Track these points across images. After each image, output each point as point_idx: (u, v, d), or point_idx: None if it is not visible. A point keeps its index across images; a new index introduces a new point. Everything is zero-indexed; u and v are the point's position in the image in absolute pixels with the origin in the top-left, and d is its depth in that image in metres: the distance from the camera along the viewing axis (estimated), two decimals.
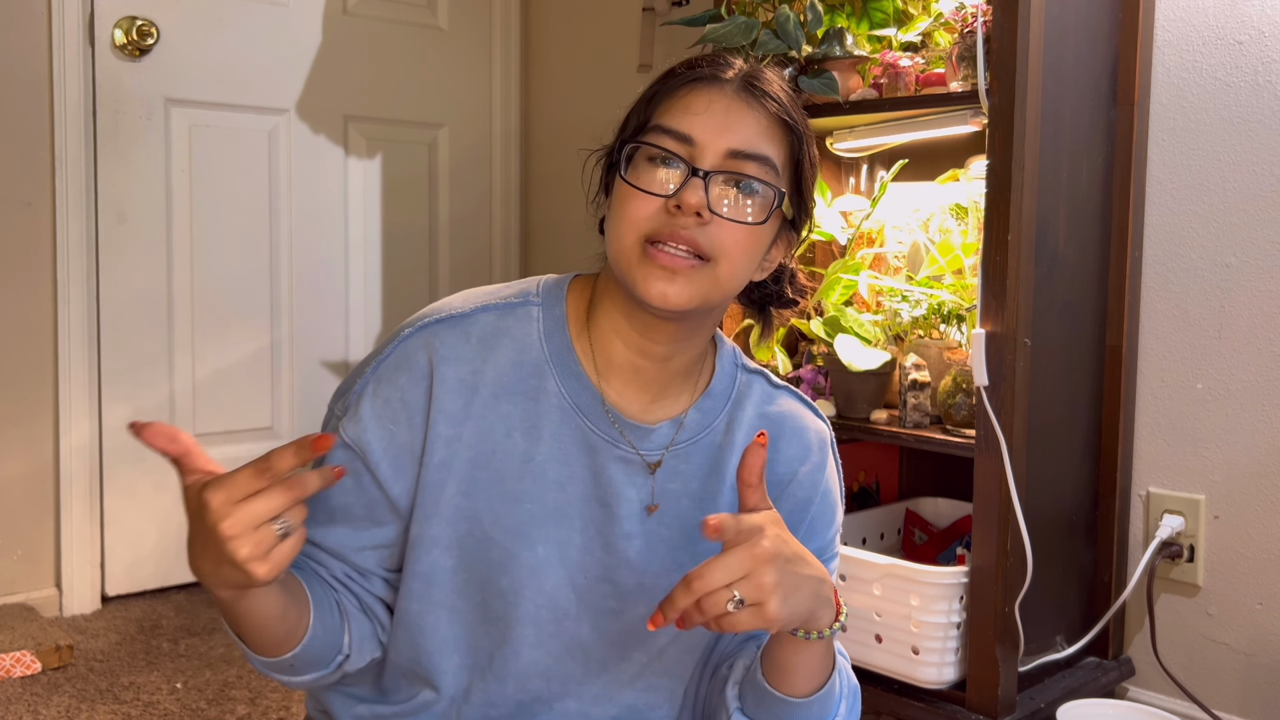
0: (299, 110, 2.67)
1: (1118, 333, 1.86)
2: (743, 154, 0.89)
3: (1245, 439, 1.81)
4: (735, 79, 0.92)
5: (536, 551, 0.92)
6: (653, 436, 0.96)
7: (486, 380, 0.92)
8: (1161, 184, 1.88)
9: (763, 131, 0.90)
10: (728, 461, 0.98)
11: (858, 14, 1.89)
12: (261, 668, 0.92)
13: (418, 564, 0.93)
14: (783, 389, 1.05)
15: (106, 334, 2.42)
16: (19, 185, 2.31)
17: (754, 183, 0.89)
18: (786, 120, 0.92)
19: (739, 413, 1.00)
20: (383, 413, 0.92)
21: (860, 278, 1.96)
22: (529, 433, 0.93)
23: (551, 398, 0.93)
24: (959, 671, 1.70)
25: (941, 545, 1.97)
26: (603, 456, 0.94)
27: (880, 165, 2.11)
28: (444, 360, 0.91)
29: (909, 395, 1.77)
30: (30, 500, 2.36)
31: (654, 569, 0.95)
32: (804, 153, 0.94)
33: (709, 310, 0.93)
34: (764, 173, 0.90)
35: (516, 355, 0.94)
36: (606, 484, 0.94)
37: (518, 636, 0.94)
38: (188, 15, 2.48)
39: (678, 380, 0.98)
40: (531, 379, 0.93)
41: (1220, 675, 1.84)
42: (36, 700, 1.96)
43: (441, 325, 0.93)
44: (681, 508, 0.96)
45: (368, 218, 2.80)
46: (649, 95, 0.93)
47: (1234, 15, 1.79)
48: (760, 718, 0.94)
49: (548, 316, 0.96)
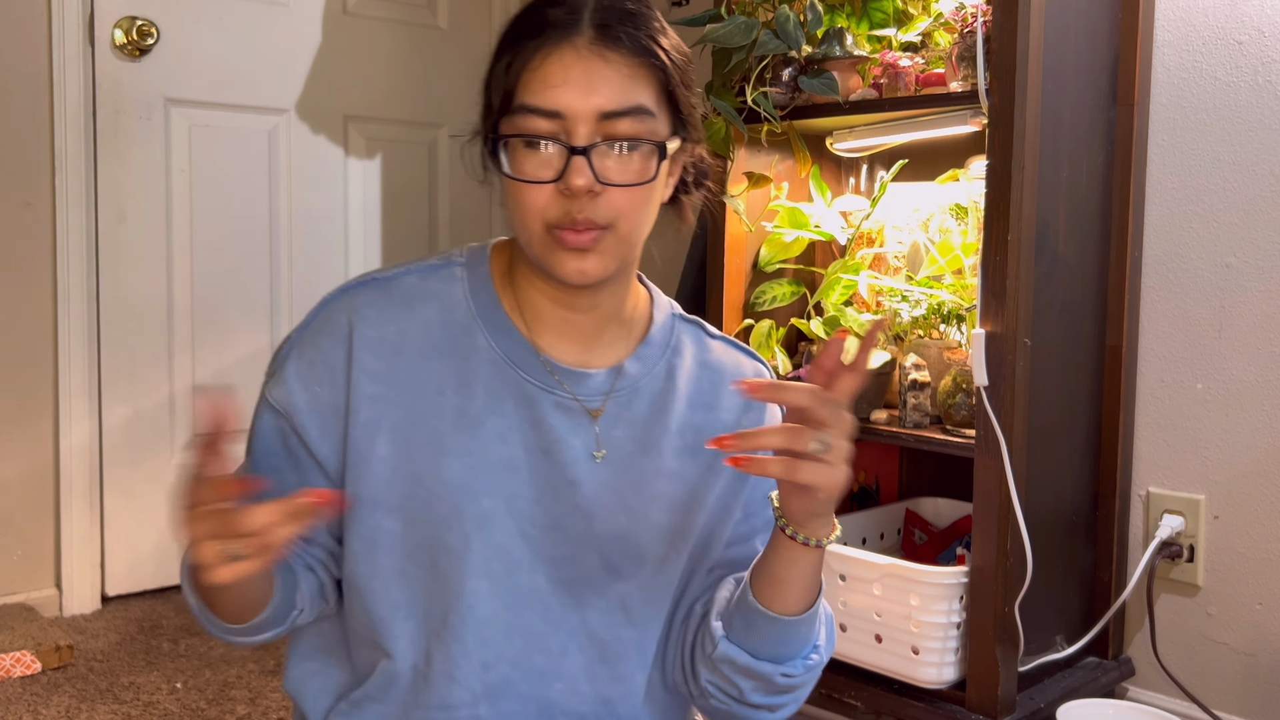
0: (299, 110, 2.67)
1: (1118, 333, 1.86)
2: (614, 113, 0.87)
3: (1245, 439, 1.81)
4: (586, 29, 0.88)
5: (482, 504, 0.93)
6: (590, 382, 0.96)
7: (412, 339, 0.94)
8: (1161, 184, 1.88)
9: (627, 80, 0.88)
10: (671, 408, 0.99)
11: (858, 14, 1.89)
12: (220, 632, 0.94)
13: (359, 526, 0.94)
14: (719, 338, 1.06)
15: (106, 334, 2.42)
16: (19, 185, 2.31)
17: (634, 141, 0.88)
18: (649, 51, 0.89)
19: (678, 360, 1.01)
20: (306, 374, 0.93)
21: (860, 278, 1.96)
22: (461, 389, 0.93)
23: (482, 353, 0.95)
24: (959, 671, 1.70)
25: (941, 545, 1.97)
26: (541, 406, 0.95)
27: (880, 165, 2.11)
28: (364, 320, 0.93)
29: (909, 395, 1.77)
30: (30, 500, 2.36)
31: (602, 514, 0.95)
32: (673, 74, 0.91)
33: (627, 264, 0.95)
34: (640, 125, 0.88)
35: (443, 314, 0.95)
36: (548, 432, 0.94)
37: (470, 591, 0.93)
38: (188, 15, 2.48)
39: (612, 326, 0.99)
40: (460, 337, 0.95)
41: (1220, 675, 1.84)
42: (36, 700, 1.96)
43: (363, 287, 0.96)
44: (627, 453, 0.97)
45: (367, 218, 2.80)
46: (505, 64, 0.89)
47: (1234, 15, 1.79)
48: (749, 643, 0.94)
49: (472, 275, 0.97)
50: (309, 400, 0.93)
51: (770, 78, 1.91)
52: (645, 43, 0.89)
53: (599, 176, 0.87)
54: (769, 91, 1.90)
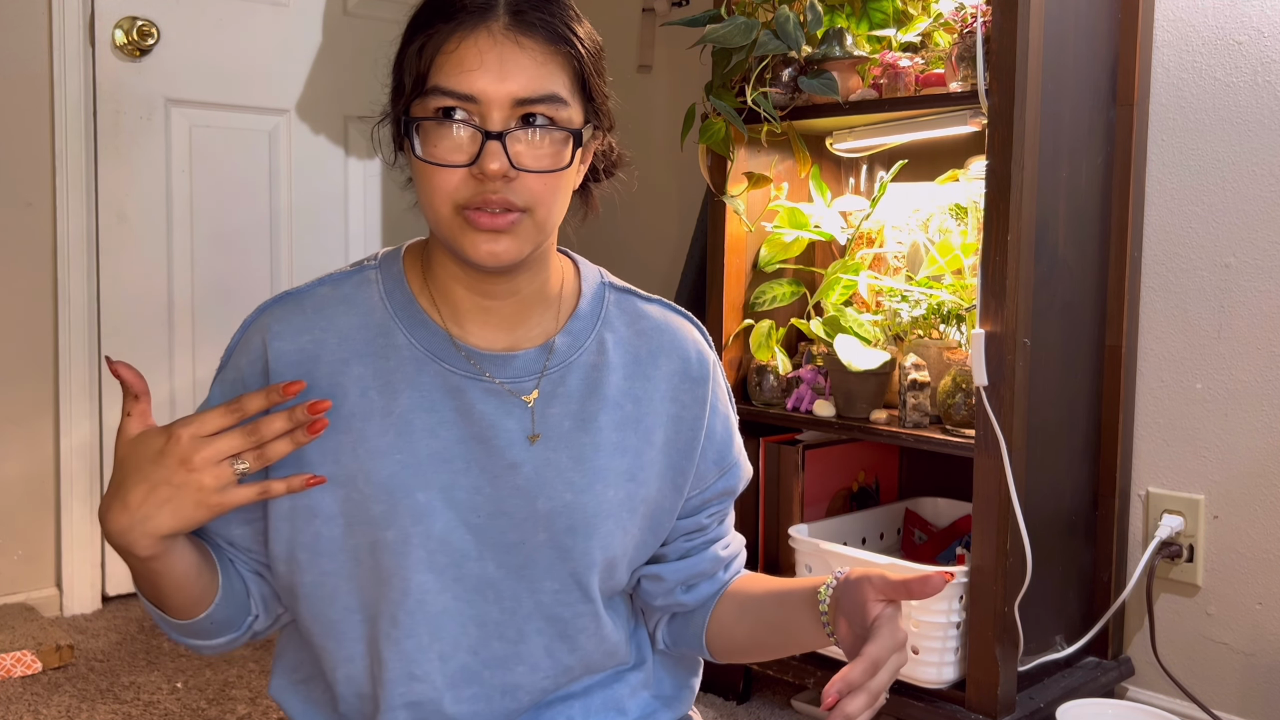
0: (299, 110, 2.68)
1: (1117, 333, 1.86)
2: (529, 100, 0.87)
3: (1245, 439, 1.81)
4: (502, 14, 0.87)
5: (416, 498, 0.92)
6: (516, 364, 0.96)
7: (329, 347, 0.94)
8: (1161, 184, 1.88)
9: (542, 67, 0.87)
10: (605, 380, 0.98)
11: (857, 14, 1.89)
12: (176, 634, 0.96)
13: (300, 535, 0.94)
14: (656, 301, 1.05)
15: (106, 334, 2.42)
16: (19, 185, 2.31)
17: (548, 128, 0.88)
18: (564, 39, 0.89)
19: (608, 332, 1.01)
20: (228, 394, 0.95)
21: (860, 278, 1.96)
22: (384, 389, 0.94)
23: (402, 350, 0.95)
24: (959, 671, 1.70)
25: (941, 545, 1.98)
26: (469, 394, 0.94)
27: (880, 165, 2.11)
28: (277, 336, 0.94)
29: (909, 395, 1.77)
30: (31, 500, 2.36)
31: (545, 494, 0.95)
32: (587, 63, 0.91)
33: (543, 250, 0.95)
34: (555, 111, 0.88)
35: (360, 319, 0.96)
36: (479, 420, 0.94)
37: (418, 586, 0.93)
38: (188, 15, 2.48)
39: (537, 308, 0.98)
40: (379, 338, 0.95)
41: (1219, 675, 1.84)
42: (37, 700, 1.96)
43: (276, 304, 0.97)
44: (565, 430, 0.96)
45: (367, 217, 2.80)
46: (418, 46, 0.89)
47: (1233, 15, 1.79)
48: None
49: (386, 276, 0.98)
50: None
51: (770, 78, 1.91)
52: (560, 30, 0.89)
53: (513, 162, 0.86)
54: (769, 92, 1.90)
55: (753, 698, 2.02)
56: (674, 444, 1.01)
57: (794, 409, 1.94)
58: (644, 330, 1.02)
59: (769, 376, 1.99)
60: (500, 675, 0.97)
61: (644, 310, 1.04)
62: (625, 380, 0.99)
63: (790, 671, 1.86)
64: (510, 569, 0.95)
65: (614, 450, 0.97)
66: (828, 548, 1.78)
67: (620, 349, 1.00)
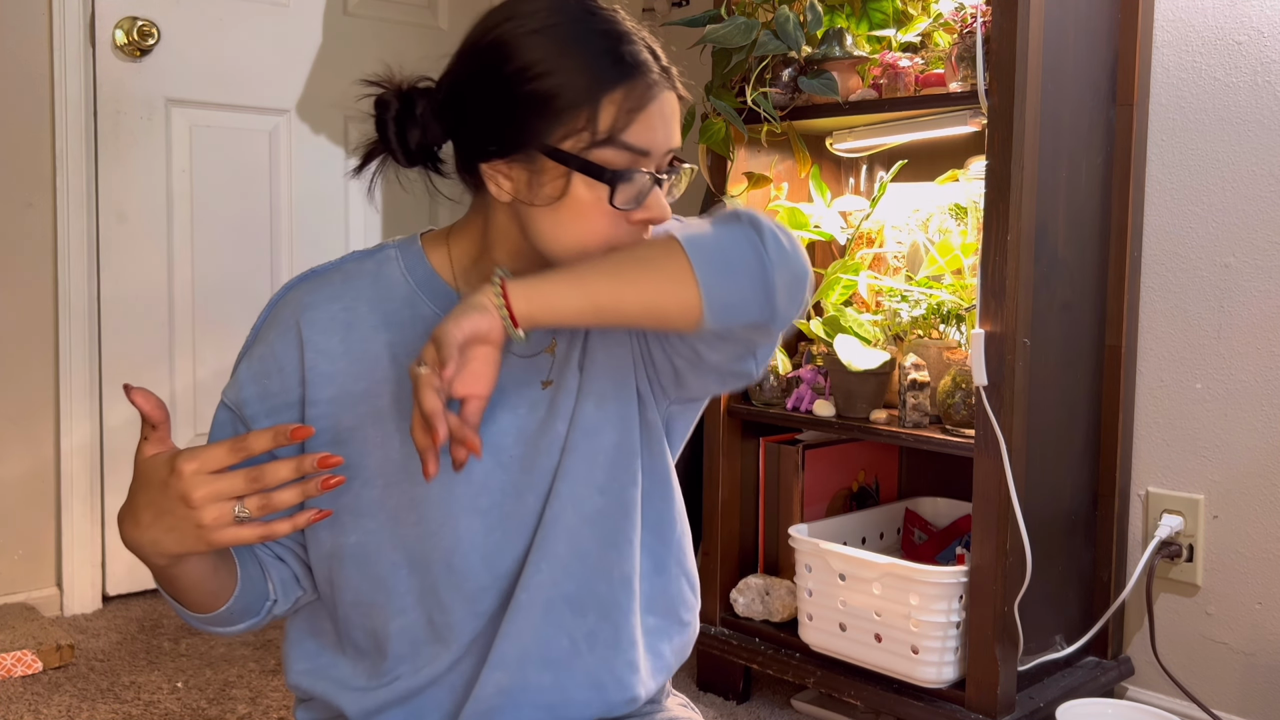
0: (299, 110, 2.68)
1: (1117, 333, 1.86)
2: (677, 150, 0.94)
3: (1245, 439, 1.81)
4: (669, 73, 0.93)
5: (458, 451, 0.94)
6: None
7: (360, 314, 0.98)
8: (1161, 184, 1.88)
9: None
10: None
11: (857, 14, 1.89)
12: (198, 623, 0.97)
13: (343, 497, 0.96)
14: None
15: (106, 334, 2.42)
16: (20, 185, 2.31)
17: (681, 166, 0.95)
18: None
19: None
20: (256, 370, 0.98)
21: (860, 278, 1.96)
22: (414, 355, 0.96)
23: (430, 320, 0.98)
24: (958, 671, 1.70)
25: (941, 545, 1.98)
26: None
27: (880, 165, 2.11)
28: (309, 306, 0.98)
29: (908, 395, 1.78)
30: (31, 500, 2.36)
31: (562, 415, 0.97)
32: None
33: None
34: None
35: (385, 291, 0.99)
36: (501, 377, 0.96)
37: (467, 529, 0.96)
38: (188, 15, 2.49)
39: None
40: (405, 309, 0.98)
41: (1219, 675, 1.84)
42: (37, 700, 1.96)
43: (303, 281, 1.00)
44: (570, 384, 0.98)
45: (367, 217, 2.80)
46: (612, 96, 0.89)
47: (1233, 15, 1.79)
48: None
49: (406, 254, 1.01)
50: (258, 393, 0.98)
51: (770, 78, 1.91)
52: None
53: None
54: (769, 92, 1.90)
55: (753, 698, 2.02)
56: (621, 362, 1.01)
57: (794, 409, 1.94)
58: None
59: (769, 376, 1.99)
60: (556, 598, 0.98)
61: None
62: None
63: (790, 671, 1.86)
64: (543, 496, 0.97)
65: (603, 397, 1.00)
66: (828, 547, 1.78)
67: None
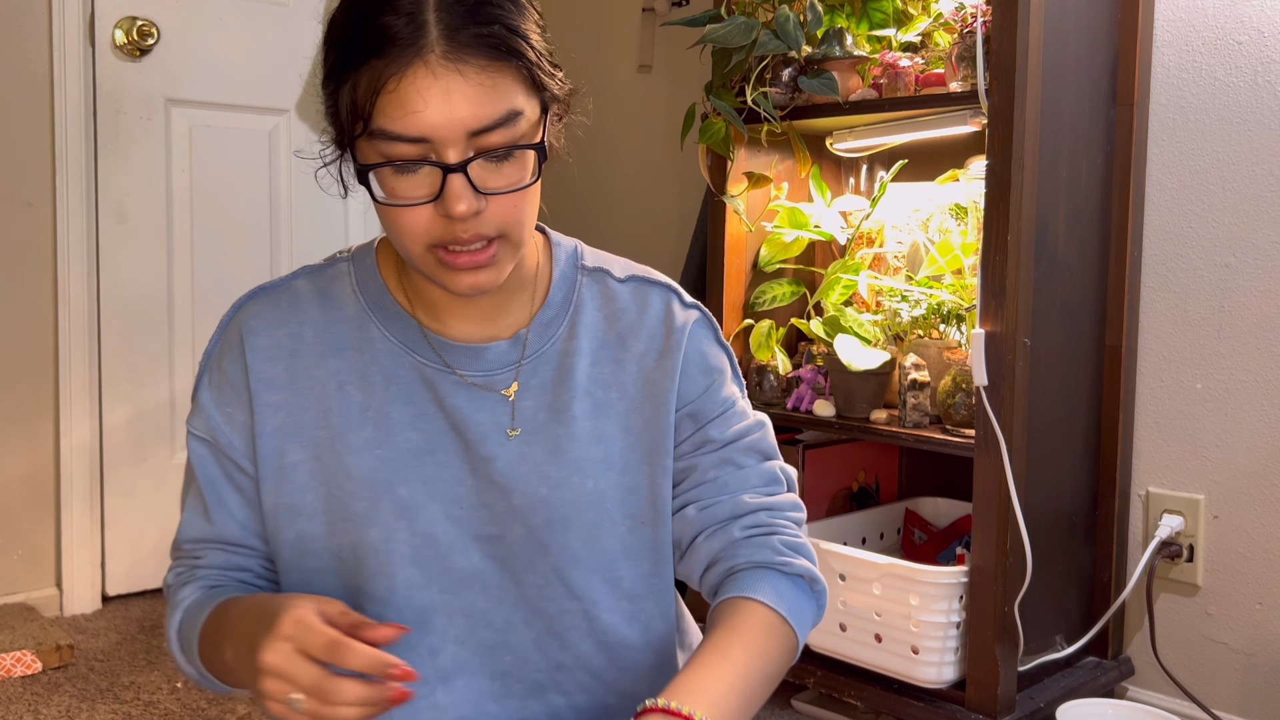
0: (299, 110, 2.68)
1: (1117, 333, 1.86)
2: (483, 129, 0.80)
3: (1245, 439, 1.81)
4: (435, 42, 0.79)
5: (399, 494, 0.91)
6: (486, 356, 0.94)
7: (305, 340, 0.94)
8: (1161, 184, 1.88)
9: (489, 90, 0.80)
10: (575, 368, 0.96)
11: (857, 14, 1.89)
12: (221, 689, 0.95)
13: (284, 533, 0.94)
14: (630, 280, 1.01)
15: (106, 334, 2.42)
16: (20, 185, 2.31)
17: (508, 149, 0.82)
18: (506, 49, 0.81)
19: (580, 317, 0.98)
20: (218, 399, 0.95)
21: (860, 278, 1.96)
22: (361, 383, 0.93)
23: (377, 344, 0.94)
24: (959, 671, 1.70)
25: (941, 545, 1.98)
26: (442, 387, 0.93)
27: (880, 165, 2.11)
28: (253, 330, 0.94)
29: (909, 395, 1.77)
30: (31, 500, 2.36)
31: (521, 488, 0.93)
32: (530, 58, 0.83)
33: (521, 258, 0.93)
34: (513, 130, 0.82)
35: (334, 311, 0.95)
36: (453, 412, 0.93)
37: (404, 582, 0.92)
38: (188, 15, 2.48)
39: (514, 295, 0.96)
40: (354, 332, 0.94)
41: (1219, 675, 1.84)
42: (37, 700, 1.96)
43: (253, 299, 0.96)
44: (539, 422, 0.94)
45: (368, 217, 2.80)
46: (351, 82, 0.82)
47: (1233, 15, 1.79)
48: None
49: (359, 269, 0.97)
50: (226, 421, 0.94)
51: (770, 78, 1.91)
52: (501, 38, 0.81)
53: (478, 187, 0.82)
54: (769, 91, 1.90)
55: None
56: (650, 425, 0.97)
57: (794, 409, 1.94)
58: (613, 314, 0.99)
59: (769, 376, 1.99)
60: (489, 664, 0.95)
61: (615, 291, 1.00)
62: (593, 367, 0.97)
63: (790, 671, 1.86)
64: (495, 559, 0.94)
65: (590, 440, 0.95)
66: (828, 547, 1.78)
67: (589, 335, 0.97)
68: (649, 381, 0.98)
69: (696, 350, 1.00)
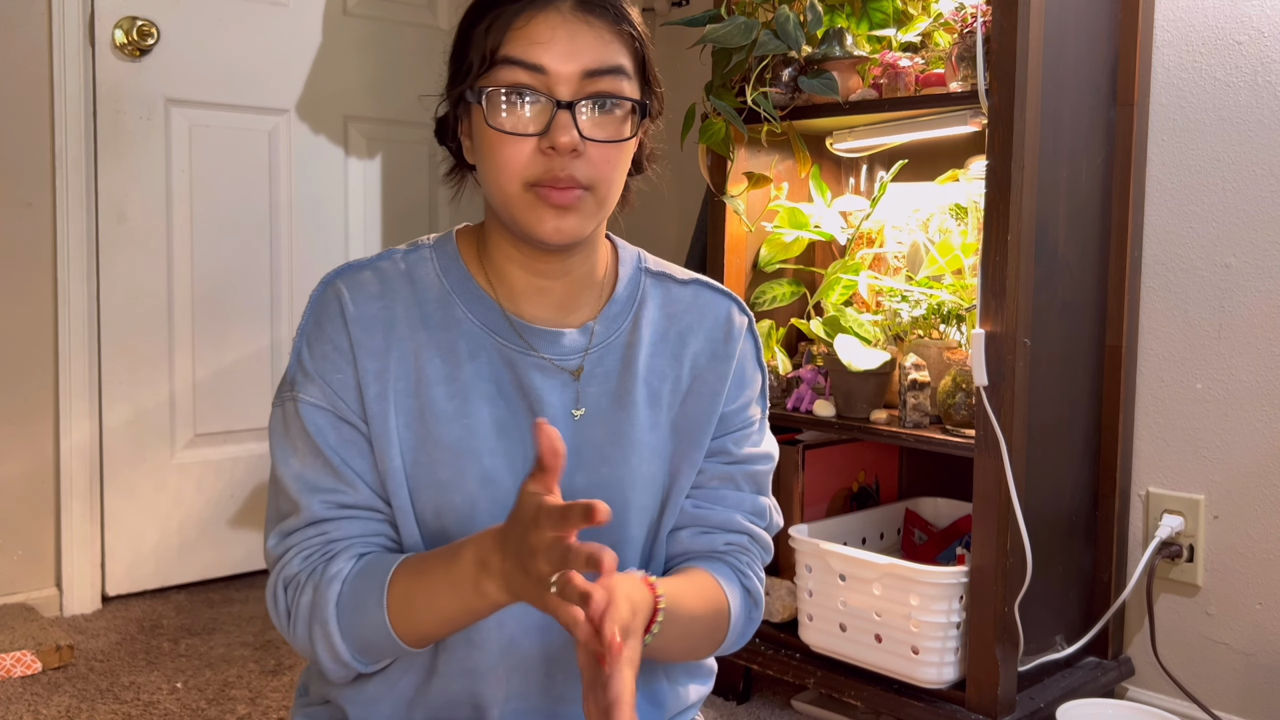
0: (299, 110, 2.68)
1: (1117, 333, 1.86)
2: (597, 72, 0.91)
3: (1245, 439, 1.81)
4: None
5: (484, 464, 0.95)
6: (563, 341, 1.00)
7: (399, 315, 0.97)
8: (1161, 184, 1.88)
9: (608, 44, 0.92)
10: (636, 358, 1.02)
11: (858, 14, 1.89)
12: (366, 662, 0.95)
13: (391, 499, 0.96)
14: (690, 283, 1.08)
15: (106, 334, 2.42)
16: (19, 185, 2.31)
17: (616, 98, 0.92)
18: (626, 20, 0.94)
19: (644, 313, 1.04)
20: (325, 366, 0.96)
21: (860, 278, 1.96)
22: (448, 358, 0.97)
23: (462, 323, 0.98)
24: (959, 671, 1.70)
25: (941, 545, 1.98)
26: (520, 367, 0.98)
27: (880, 165, 2.11)
28: (354, 301, 0.97)
29: (909, 395, 1.77)
30: (30, 500, 2.36)
31: (585, 468, 0.98)
32: (645, 47, 0.96)
33: (599, 229, 1.00)
34: (620, 84, 0.92)
35: (422, 292, 0.99)
36: (530, 391, 0.98)
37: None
38: (188, 15, 2.48)
39: (586, 289, 1.02)
40: (439, 311, 0.98)
41: (1220, 675, 1.84)
42: (37, 700, 1.96)
43: (342, 276, 0.99)
44: (603, 407, 1.00)
45: (367, 218, 2.80)
46: (485, 25, 0.92)
47: (1233, 15, 1.79)
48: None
49: (440, 255, 1.01)
50: (341, 385, 0.96)
51: (770, 78, 1.91)
52: (623, 13, 0.94)
53: (584, 133, 0.90)
54: (769, 91, 1.90)
55: (753, 698, 2.02)
56: (694, 420, 1.03)
57: (794, 409, 1.94)
58: (674, 313, 1.06)
59: (769, 376, 1.99)
60: (541, 644, 0.98)
61: (677, 294, 1.07)
62: (653, 359, 1.03)
63: (790, 671, 1.86)
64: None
65: (646, 427, 1.01)
66: (828, 548, 1.78)
67: (651, 329, 1.04)
68: (700, 380, 1.05)
69: (746, 361, 1.08)
